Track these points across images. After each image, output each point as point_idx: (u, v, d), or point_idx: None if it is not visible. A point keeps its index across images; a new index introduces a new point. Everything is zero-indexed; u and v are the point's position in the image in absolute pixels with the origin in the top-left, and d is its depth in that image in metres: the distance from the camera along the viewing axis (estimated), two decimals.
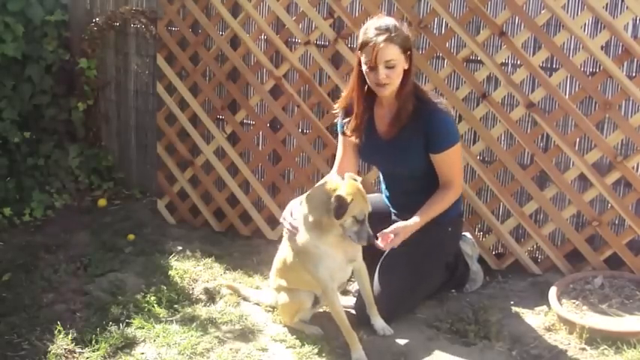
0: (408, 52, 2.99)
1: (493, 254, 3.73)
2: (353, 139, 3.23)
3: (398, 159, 3.15)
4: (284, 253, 3.08)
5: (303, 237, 2.92)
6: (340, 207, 2.77)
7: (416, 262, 3.16)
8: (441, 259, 3.34)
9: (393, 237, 2.98)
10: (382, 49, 2.91)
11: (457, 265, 3.42)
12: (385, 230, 2.99)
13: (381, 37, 2.91)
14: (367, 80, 3.05)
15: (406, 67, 3.00)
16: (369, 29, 2.97)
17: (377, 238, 2.94)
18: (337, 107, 3.30)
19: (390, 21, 2.99)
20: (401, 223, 3.03)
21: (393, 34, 2.93)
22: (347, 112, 3.23)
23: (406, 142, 3.10)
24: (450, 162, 3.12)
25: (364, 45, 2.97)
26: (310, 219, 2.89)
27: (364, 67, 3.02)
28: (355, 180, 2.90)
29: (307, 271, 2.95)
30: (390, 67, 2.95)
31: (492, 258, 3.70)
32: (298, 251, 2.96)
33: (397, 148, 3.12)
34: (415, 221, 3.05)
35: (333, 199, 2.78)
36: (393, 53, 2.94)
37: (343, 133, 3.28)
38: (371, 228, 2.90)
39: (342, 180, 2.89)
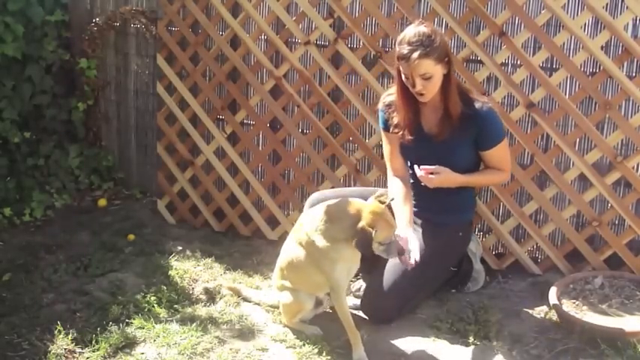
0: (446, 59, 3.00)
1: (493, 254, 3.73)
2: (397, 137, 3.25)
3: (447, 159, 3.12)
4: (290, 253, 3.06)
5: (323, 244, 2.91)
6: (364, 242, 2.79)
7: (424, 264, 3.14)
8: (448, 263, 3.37)
9: (434, 174, 3.01)
10: (416, 65, 2.94)
11: (461, 261, 3.44)
12: (428, 166, 3.01)
13: (415, 54, 2.92)
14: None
15: (445, 72, 3.02)
16: (404, 44, 2.96)
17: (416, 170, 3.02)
18: (380, 105, 3.31)
19: (424, 31, 2.96)
20: (445, 168, 3.05)
21: (427, 49, 2.93)
22: (389, 108, 3.25)
23: (457, 142, 3.12)
24: (500, 155, 3.20)
25: (400, 58, 2.99)
26: (332, 235, 2.89)
27: (403, 77, 3.05)
28: (382, 202, 2.89)
29: (322, 271, 2.93)
30: (426, 78, 2.99)
31: (492, 258, 3.70)
32: (315, 253, 2.93)
33: (447, 148, 3.13)
34: (460, 175, 3.10)
35: (358, 230, 2.78)
36: (428, 66, 2.96)
37: (387, 130, 3.30)
38: None
39: (366, 203, 2.89)
